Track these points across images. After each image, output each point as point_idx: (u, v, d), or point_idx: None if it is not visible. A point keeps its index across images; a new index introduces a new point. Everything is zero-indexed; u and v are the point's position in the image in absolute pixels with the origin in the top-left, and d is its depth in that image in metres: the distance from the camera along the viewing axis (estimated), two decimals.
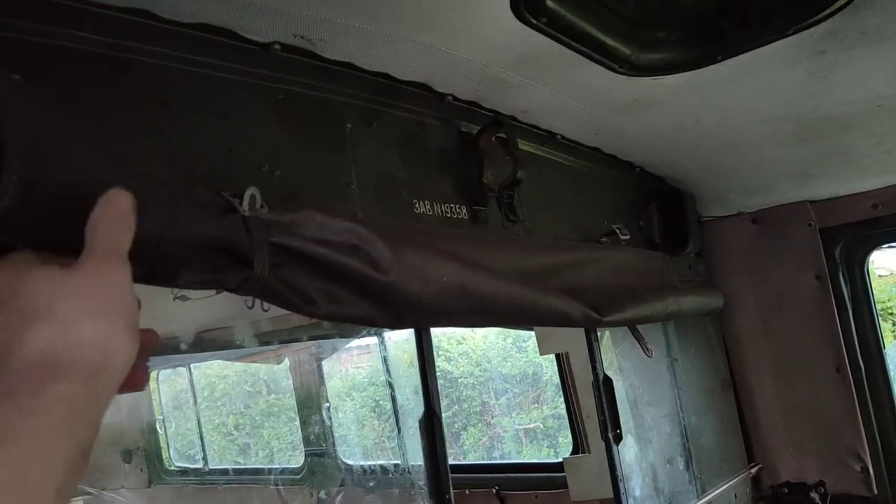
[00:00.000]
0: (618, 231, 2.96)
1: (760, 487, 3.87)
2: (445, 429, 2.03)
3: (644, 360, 3.10)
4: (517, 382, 14.36)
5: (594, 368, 2.78)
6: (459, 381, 13.91)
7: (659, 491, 2.98)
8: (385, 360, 5.48)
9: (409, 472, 4.92)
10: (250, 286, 1.47)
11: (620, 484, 2.71)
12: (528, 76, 2.24)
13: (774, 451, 3.85)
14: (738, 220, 3.89)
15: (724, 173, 3.38)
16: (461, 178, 2.36)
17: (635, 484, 2.81)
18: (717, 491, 3.40)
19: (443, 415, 2.03)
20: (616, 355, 2.93)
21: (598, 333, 2.92)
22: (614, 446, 2.73)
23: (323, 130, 1.94)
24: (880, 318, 3.89)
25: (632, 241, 3.17)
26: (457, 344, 13.94)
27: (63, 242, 1.08)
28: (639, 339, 2.91)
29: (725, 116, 2.71)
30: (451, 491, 1.95)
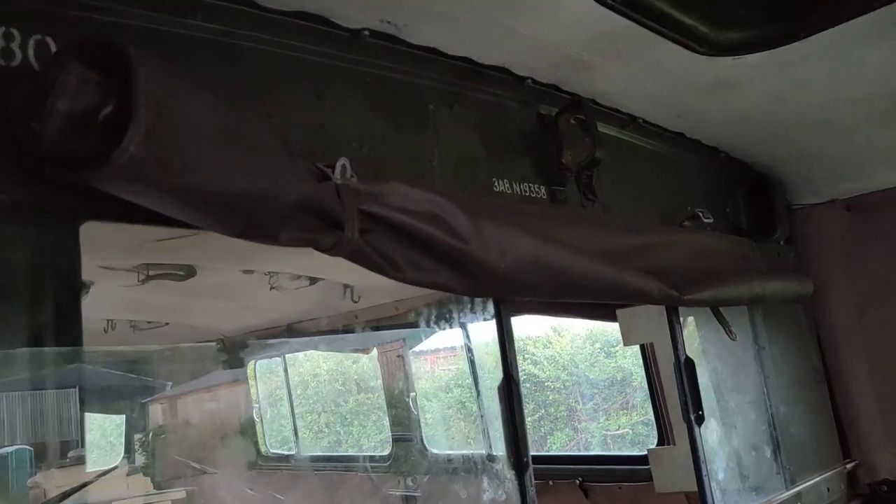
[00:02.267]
0: (701, 215, 2.95)
1: (857, 484, 3.72)
2: (532, 432, 2.11)
3: (728, 345, 3.07)
4: (605, 387, 14.10)
5: (675, 350, 2.79)
6: (546, 384, 13.79)
7: (744, 477, 2.94)
8: (471, 360, 5.57)
9: (492, 461, 4.99)
10: (342, 248, 1.60)
11: (702, 466, 2.70)
12: (606, 57, 2.29)
13: (872, 448, 3.69)
14: (830, 208, 3.77)
15: (814, 157, 3.30)
16: (540, 159, 2.44)
17: (718, 468, 2.78)
18: (808, 483, 3.31)
19: (528, 418, 2.10)
20: (700, 339, 2.91)
21: (682, 318, 2.92)
22: (696, 427, 2.73)
23: (407, 111, 2.07)
24: None
25: (716, 226, 3.15)
26: (543, 348, 13.83)
27: (183, 191, 1.25)
28: (722, 322, 2.89)
29: (811, 96, 2.67)
30: (529, 454, 2.03)
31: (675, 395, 4.15)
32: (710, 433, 2.80)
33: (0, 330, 1.27)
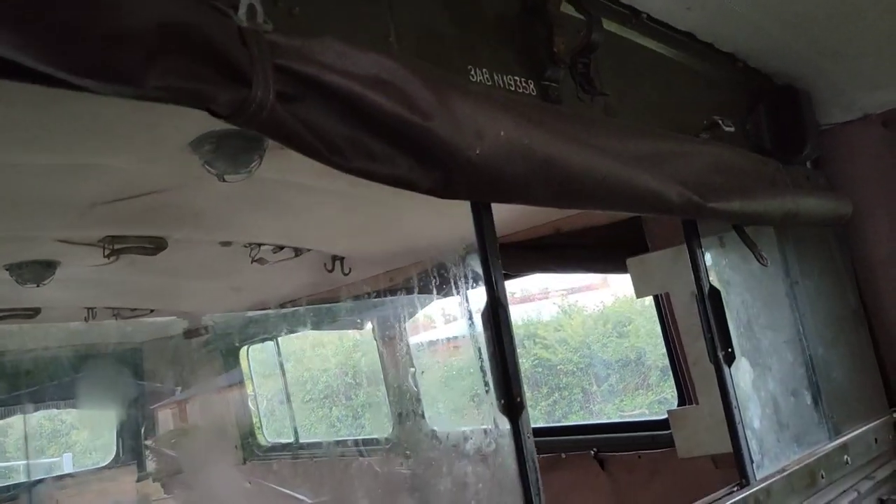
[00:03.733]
0: (720, 122, 2.51)
1: None
2: (546, 416, 1.71)
3: (759, 277, 2.65)
4: (619, 368, 13.85)
5: (698, 280, 2.37)
6: (558, 367, 13.54)
7: (782, 425, 2.53)
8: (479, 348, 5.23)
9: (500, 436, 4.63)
10: (251, 113, 1.19)
11: (735, 412, 2.29)
12: None
13: None
14: (864, 125, 3.33)
15: (846, 58, 2.86)
16: (527, 49, 2.01)
17: (753, 414, 2.37)
18: (854, 433, 2.89)
19: (543, 402, 1.70)
20: (725, 268, 2.50)
21: (702, 247, 2.50)
22: (726, 368, 2.31)
23: None
24: None
25: (737, 142, 2.72)
26: (554, 331, 13.58)
27: None
28: (750, 245, 2.47)
29: None
30: (523, 393, 1.61)
31: (696, 349, 3.74)
32: (743, 375, 2.38)
33: None
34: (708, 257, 2.44)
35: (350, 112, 1.35)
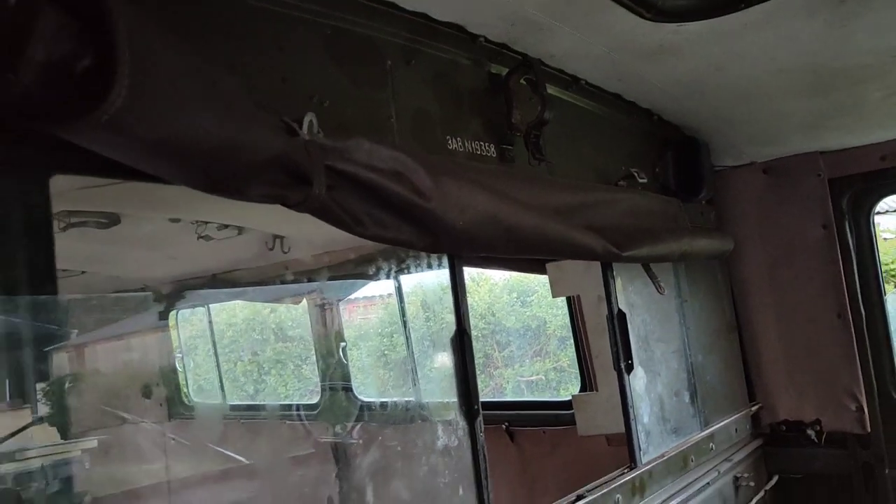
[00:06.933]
0: (636, 174, 3.09)
1: (760, 425, 4.07)
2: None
3: (655, 299, 3.26)
4: (520, 336, 14.50)
5: (609, 303, 2.95)
6: None
7: (665, 420, 3.16)
8: (402, 308, 5.65)
9: (422, 408, 5.12)
10: (310, 203, 1.61)
11: (630, 410, 2.90)
12: (558, 18, 2.34)
13: (775, 392, 4.04)
14: (749, 170, 4.01)
15: (740, 123, 3.49)
16: (491, 118, 2.49)
17: (643, 412, 2.99)
18: (719, 425, 3.60)
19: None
20: (630, 293, 3.08)
21: (614, 273, 3.07)
22: (626, 375, 2.91)
23: (366, 66, 2.06)
24: (884, 280, 4.01)
25: (648, 185, 3.30)
26: None
27: (163, 145, 1.24)
28: (652, 277, 3.07)
29: (745, 65, 2.81)
30: (479, 402, 2.13)
31: (599, 344, 4.39)
32: (638, 380, 2.99)
33: None
34: (619, 284, 3.01)
35: (373, 196, 1.79)
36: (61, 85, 1.14)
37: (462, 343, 2.14)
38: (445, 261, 2.23)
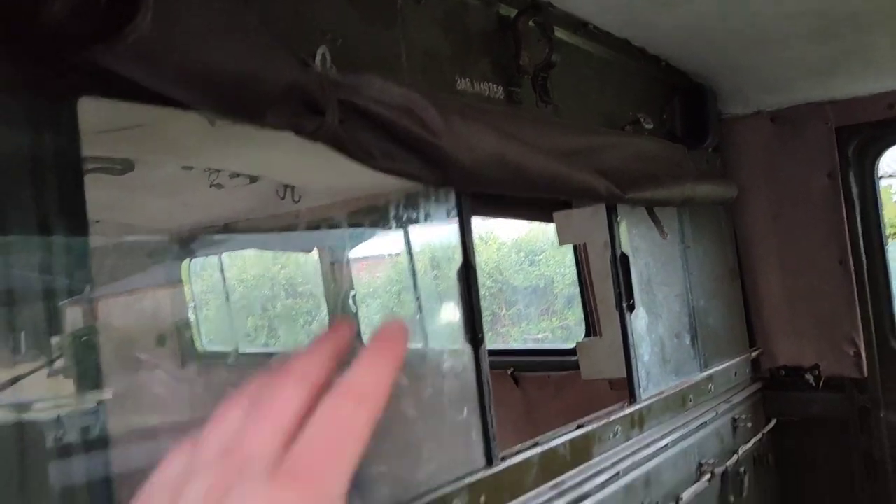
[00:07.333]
0: (642, 120, 3.13)
1: (759, 369, 4.17)
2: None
3: (659, 244, 3.33)
4: (528, 294, 14.60)
5: (612, 247, 3.02)
6: None
7: (665, 361, 3.26)
8: (410, 250, 5.73)
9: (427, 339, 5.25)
10: (323, 132, 1.68)
11: (631, 350, 3.00)
12: None
13: (774, 337, 4.13)
14: (756, 119, 4.03)
15: (747, 70, 3.50)
16: (499, 59, 2.53)
17: (644, 351, 3.09)
18: (719, 368, 3.70)
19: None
20: (635, 237, 3.15)
21: (619, 218, 3.14)
22: (627, 315, 3.00)
23: (377, 4, 2.10)
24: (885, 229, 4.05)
25: (654, 131, 3.34)
26: None
27: (180, 73, 1.31)
28: (656, 222, 3.13)
29: (752, 11, 2.82)
30: (484, 331, 2.24)
31: (604, 290, 4.47)
32: (639, 321, 3.08)
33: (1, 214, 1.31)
34: (622, 228, 3.08)
35: (383, 130, 1.85)
36: (90, 11, 1.21)
37: (467, 276, 2.23)
38: (454, 212, 2.30)
